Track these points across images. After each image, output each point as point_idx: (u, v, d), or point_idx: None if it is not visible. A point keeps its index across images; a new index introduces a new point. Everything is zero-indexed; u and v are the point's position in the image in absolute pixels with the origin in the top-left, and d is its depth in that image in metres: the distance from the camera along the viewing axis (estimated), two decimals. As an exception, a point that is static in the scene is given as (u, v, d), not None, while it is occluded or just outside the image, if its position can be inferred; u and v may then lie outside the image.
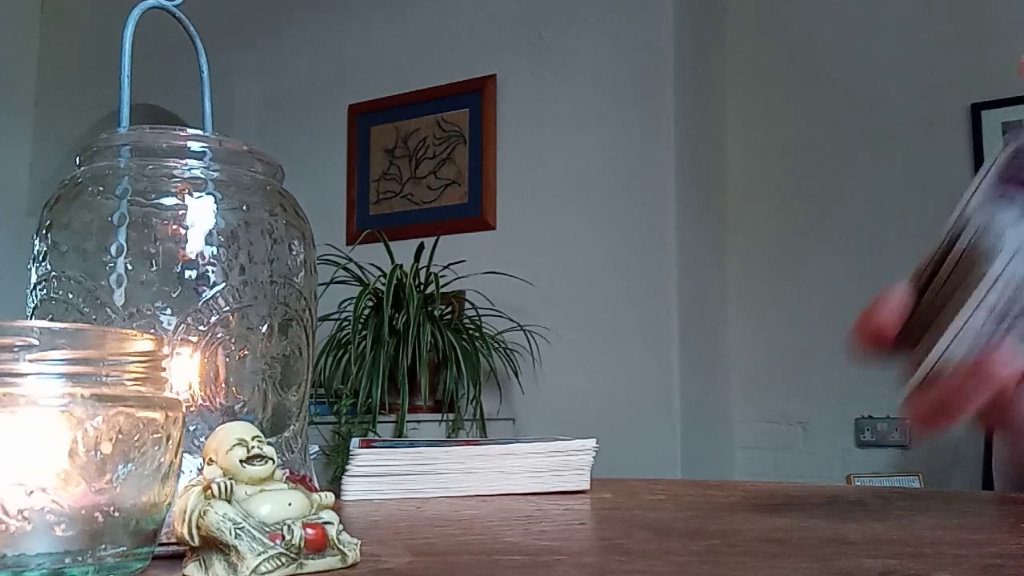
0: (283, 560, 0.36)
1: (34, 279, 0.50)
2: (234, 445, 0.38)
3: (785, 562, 0.40)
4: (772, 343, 3.09)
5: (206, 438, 0.40)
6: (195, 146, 0.51)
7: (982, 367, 0.43)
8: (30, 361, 0.35)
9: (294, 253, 0.53)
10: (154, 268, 0.48)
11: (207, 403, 0.48)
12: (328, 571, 0.37)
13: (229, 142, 0.52)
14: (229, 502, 0.36)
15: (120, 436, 0.36)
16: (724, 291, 3.17)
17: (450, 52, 3.23)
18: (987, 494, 0.66)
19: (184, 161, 0.50)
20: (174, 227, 0.48)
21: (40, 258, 0.50)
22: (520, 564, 0.41)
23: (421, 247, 2.82)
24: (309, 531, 0.37)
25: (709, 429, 2.97)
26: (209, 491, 0.36)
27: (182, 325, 0.48)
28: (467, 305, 2.94)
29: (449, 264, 2.86)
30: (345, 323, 2.74)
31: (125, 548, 0.37)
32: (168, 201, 0.49)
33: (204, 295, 0.48)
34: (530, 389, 2.87)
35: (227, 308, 0.49)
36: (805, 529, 0.49)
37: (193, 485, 0.38)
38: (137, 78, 0.54)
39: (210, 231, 0.49)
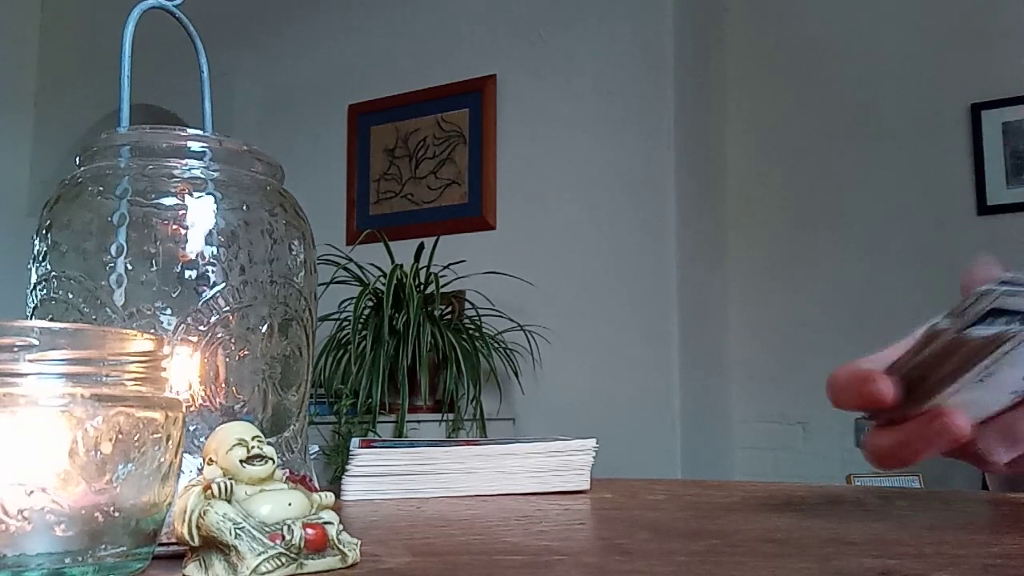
0: (283, 560, 0.36)
1: (34, 279, 0.50)
2: (234, 445, 0.38)
3: (785, 562, 0.40)
4: (772, 343, 3.09)
5: (206, 438, 0.40)
6: (195, 146, 0.51)
7: (938, 421, 0.45)
8: (30, 361, 0.35)
9: (294, 253, 0.53)
10: (154, 268, 0.48)
11: (207, 403, 0.48)
12: (328, 571, 0.37)
13: (229, 142, 0.52)
14: (229, 502, 0.36)
15: (120, 436, 0.36)
16: (724, 291, 3.17)
17: (450, 52, 3.23)
18: (987, 494, 0.66)
19: (184, 161, 0.50)
20: (174, 227, 0.48)
21: (40, 258, 0.50)
22: (520, 564, 0.41)
23: (421, 247, 2.82)
24: (309, 531, 0.37)
25: (709, 429, 2.97)
26: (209, 491, 0.36)
27: (182, 325, 0.48)
28: (467, 305, 2.94)
29: (449, 264, 2.86)
30: (345, 323, 2.74)
31: (125, 548, 0.37)
32: (168, 201, 0.49)
33: (204, 295, 0.48)
34: (530, 389, 2.87)
35: (227, 308, 0.49)
36: (805, 529, 0.49)
37: (193, 485, 0.38)
38: (137, 78, 0.54)
39: (210, 231, 0.49)
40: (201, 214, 0.49)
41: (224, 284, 0.49)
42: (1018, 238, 2.76)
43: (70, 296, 0.48)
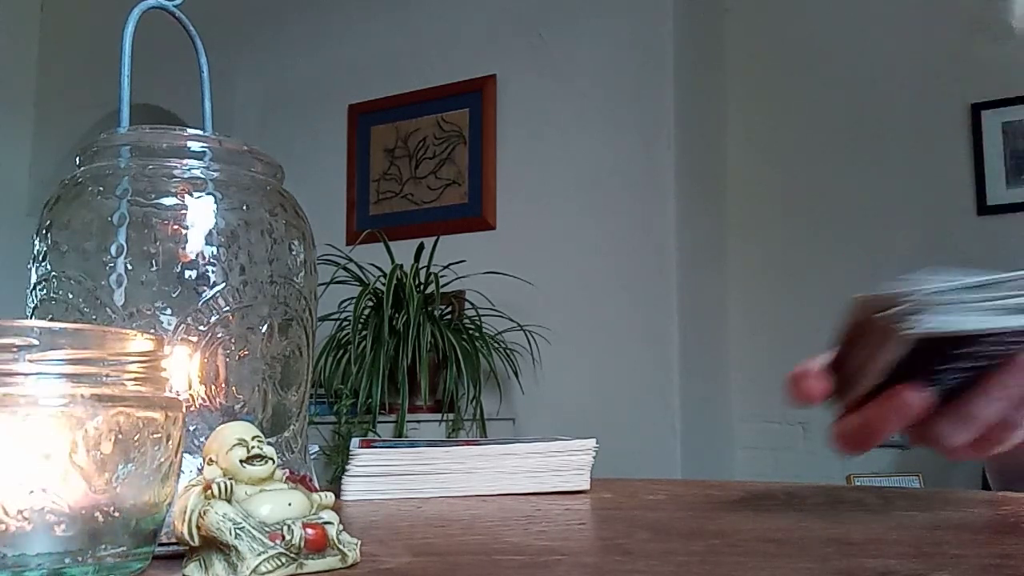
0: (283, 560, 0.36)
1: (34, 279, 0.50)
2: (234, 445, 0.38)
3: (785, 562, 0.40)
4: (772, 343, 3.08)
5: (206, 438, 0.40)
6: (195, 146, 0.51)
7: (895, 398, 0.47)
8: (30, 361, 0.35)
9: (294, 253, 0.53)
10: (154, 268, 0.48)
11: (207, 403, 0.48)
12: (328, 571, 0.37)
13: (229, 142, 0.52)
14: (229, 502, 0.36)
15: (120, 436, 0.36)
16: (724, 291, 3.17)
17: (450, 52, 3.23)
18: (987, 494, 0.66)
19: (184, 161, 0.50)
20: (174, 227, 0.49)
21: (40, 258, 0.50)
22: (520, 564, 0.41)
23: (421, 247, 2.82)
24: (309, 531, 0.37)
25: (709, 429, 2.97)
26: (209, 491, 0.36)
27: (182, 325, 0.48)
28: (467, 305, 2.94)
29: (449, 264, 2.86)
30: (345, 323, 2.74)
31: (125, 548, 0.37)
32: (168, 201, 0.49)
33: (204, 295, 0.48)
34: (530, 389, 2.87)
35: (227, 308, 0.49)
36: (805, 529, 0.49)
37: (193, 485, 0.38)
38: (137, 78, 0.54)
39: (210, 231, 0.49)
40: (201, 214, 0.49)
41: (224, 284, 0.49)
42: (1018, 238, 2.76)
43: (70, 296, 0.48)
